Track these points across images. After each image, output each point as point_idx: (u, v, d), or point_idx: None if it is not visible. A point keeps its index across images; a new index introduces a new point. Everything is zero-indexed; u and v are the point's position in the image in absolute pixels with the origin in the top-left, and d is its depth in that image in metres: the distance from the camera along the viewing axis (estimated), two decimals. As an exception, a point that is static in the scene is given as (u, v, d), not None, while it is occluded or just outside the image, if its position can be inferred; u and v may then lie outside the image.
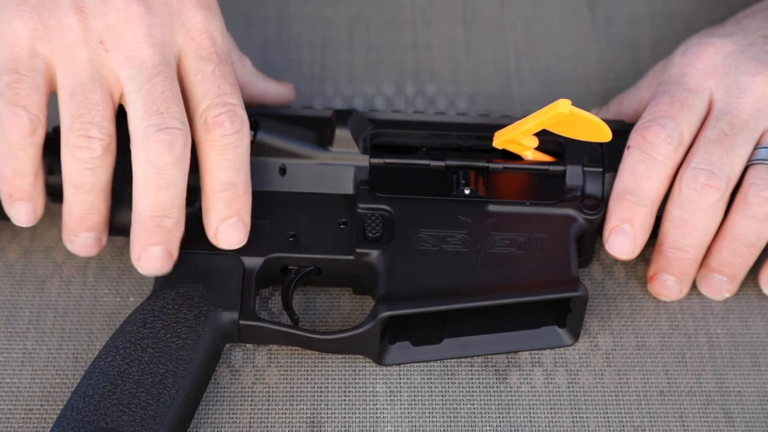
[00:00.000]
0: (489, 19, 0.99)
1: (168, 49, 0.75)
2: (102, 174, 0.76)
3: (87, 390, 0.73)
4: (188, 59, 0.76)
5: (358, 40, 0.97)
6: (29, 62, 0.75)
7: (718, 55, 0.82)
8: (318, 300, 0.83)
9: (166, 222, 0.75)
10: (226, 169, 0.76)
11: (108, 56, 0.74)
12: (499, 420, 0.78)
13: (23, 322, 0.81)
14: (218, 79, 0.76)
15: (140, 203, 0.75)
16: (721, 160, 0.79)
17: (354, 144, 0.81)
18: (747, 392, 0.79)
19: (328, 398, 0.78)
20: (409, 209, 0.80)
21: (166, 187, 0.74)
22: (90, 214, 0.77)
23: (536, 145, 0.82)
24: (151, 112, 0.74)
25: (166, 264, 0.77)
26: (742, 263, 0.81)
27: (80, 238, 0.78)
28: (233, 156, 0.76)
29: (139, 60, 0.74)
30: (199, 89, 0.76)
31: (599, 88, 0.95)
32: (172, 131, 0.73)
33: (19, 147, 0.75)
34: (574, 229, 0.80)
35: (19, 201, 0.77)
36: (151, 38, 0.75)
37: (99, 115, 0.74)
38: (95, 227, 0.78)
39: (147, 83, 0.74)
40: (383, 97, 0.94)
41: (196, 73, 0.76)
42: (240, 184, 0.77)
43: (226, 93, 0.76)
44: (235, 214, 0.77)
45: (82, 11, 0.75)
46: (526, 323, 0.80)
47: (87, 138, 0.74)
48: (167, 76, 0.75)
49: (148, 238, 0.76)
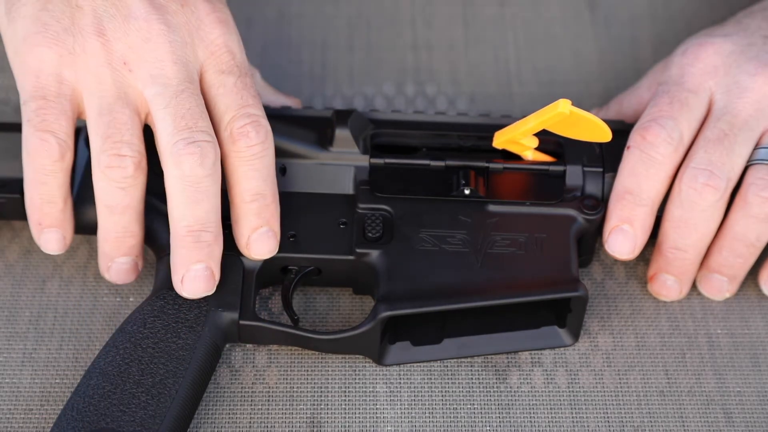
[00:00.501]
0: (489, 19, 0.99)
1: (191, 66, 0.76)
2: (134, 193, 0.75)
3: (87, 390, 0.73)
4: (210, 74, 0.77)
5: (358, 40, 0.97)
6: (56, 88, 0.75)
7: (718, 55, 0.82)
8: (318, 300, 0.83)
9: (204, 236, 0.75)
10: (254, 179, 0.76)
11: (132, 76, 0.75)
12: (499, 420, 0.78)
13: (23, 322, 0.81)
14: (240, 90, 0.76)
15: (177, 220, 0.75)
16: (721, 160, 0.79)
17: (354, 144, 0.81)
18: (747, 392, 0.79)
19: (328, 398, 0.78)
20: (409, 209, 0.81)
21: (202, 201, 0.74)
22: (125, 237, 0.77)
23: (536, 145, 0.82)
24: (180, 127, 0.74)
25: (209, 283, 0.76)
26: (742, 263, 0.81)
27: (117, 264, 0.78)
28: (260, 166, 0.76)
29: (163, 78, 0.75)
30: (222, 102, 0.76)
31: (599, 88, 0.95)
32: (202, 144, 0.74)
33: (48, 173, 0.75)
34: (574, 229, 0.80)
35: (48, 228, 0.77)
36: (173, 56, 0.75)
37: (128, 134, 0.74)
38: (131, 251, 0.78)
39: (173, 100, 0.74)
40: (383, 97, 0.94)
41: (218, 86, 0.76)
42: (268, 194, 0.77)
43: (249, 104, 0.76)
44: (265, 224, 0.77)
45: (103, 34, 0.75)
46: (526, 323, 0.80)
47: (119, 157, 0.74)
48: (192, 92, 0.75)
49: (189, 255, 0.75)
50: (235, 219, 0.77)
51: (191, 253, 0.75)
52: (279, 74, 0.94)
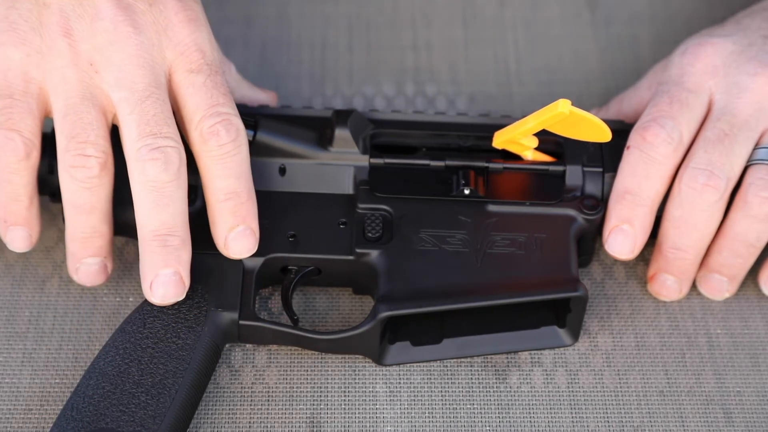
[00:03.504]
0: (489, 19, 0.99)
1: (158, 68, 0.76)
2: (101, 193, 0.75)
3: (87, 390, 0.73)
4: (179, 73, 0.76)
5: (358, 40, 0.97)
6: (23, 87, 0.75)
7: (717, 55, 0.82)
8: (318, 300, 0.83)
9: (171, 240, 0.75)
10: (227, 178, 0.76)
11: (99, 77, 0.75)
12: (498, 420, 0.78)
13: (23, 322, 0.81)
14: (210, 89, 0.76)
15: (143, 225, 0.75)
16: (721, 160, 0.79)
17: (354, 144, 0.81)
18: (747, 392, 0.79)
19: (328, 398, 0.78)
20: (409, 209, 0.80)
21: (167, 205, 0.74)
22: (92, 237, 0.77)
23: (536, 145, 0.82)
24: (144, 133, 0.74)
25: (178, 288, 0.75)
26: (742, 263, 0.81)
27: (85, 265, 0.78)
28: (232, 164, 0.76)
29: (129, 82, 0.75)
30: (191, 102, 0.76)
31: (599, 88, 0.95)
32: (166, 149, 0.74)
33: (14, 171, 0.75)
34: (573, 229, 0.80)
35: (14, 226, 0.77)
36: (140, 59, 0.75)
37: (93, 134, 0.74)
38: (99, 251, 0.78)
39: (139, 106, 0.74)
40: (383, 97, 0.94)
41: (187, 86, 0.76)
42: (243, 192, 0.77)
43: (219, 103, 0.76)
44: (242, 222, 0.77)
45: (70, 34, 0.75)
46: (525, 323, 0.80)
47: (83, 157, 0.74)
48: (158, 98, 0.75)
49: (157, 261, 0.75)
50: (211, 219, 0.77)
51: (159, 258, 0.75)
52: (279, 74, 0.94)
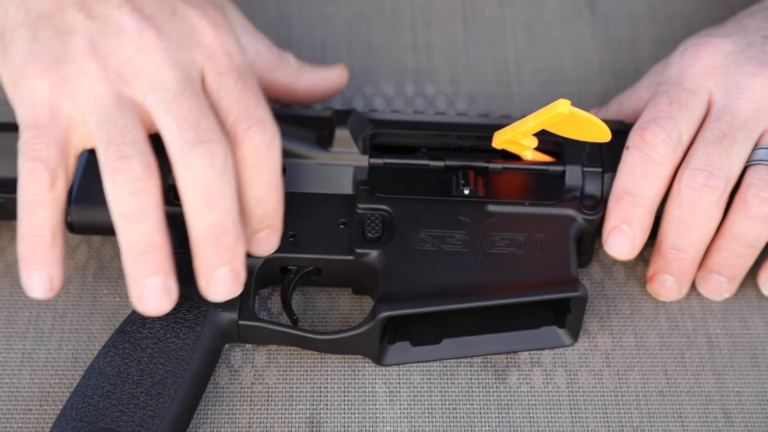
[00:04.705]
0: (489, 19, 0.99)
1: (189, 68, 0.75)
2: (148, 198, 0.71)
3: (86, 390, 0.73)
4: (210, 77, 0.75)
5: (358, 40, 0.97)
6: (49, 118, 0.73)
7: (717, 56, 0.82)
8: (317, 300, 0.83)
9: (224, 239, 0.73)
10: (257, 184, 0.75)
11: (131, 89, 0.73)
12: (498, 420, 0.78)
13: (23, 322, 0.81)
14: (241, 92, 0.75)
15: (194, 226, 0.73)
16: (720, 161, 0.78)
17: (353, 144, 0.81)
18: (746, 392, 0.79)
19: (328, 398, 0.78)
20: (409, 209, 0.81)
21: (217, 203, 0.72)
22: (149, 251, 0.72)
23: (535, 145, 0.82)
24: (184, 129, 0.72)
25: (235, 286, 0.74)
26: (741, 264, 0.81)
27: (147, 288, 0.73)
28: (263, 169, 0.75)
29: (161, 83, 0.73)
30: (224, 104, 0.75)
31: (599, 88, 0.95)
32: (209, 143, 0.72)
33: (37, 203, 0.72)
34: (573, 229, 0.80)
35: (33, 267, 0.72)
36: (169, 60, 0.74)
37: (130, 136, 0.72)
38: (158, 268, 0.73)
39: (175, 102, 0.73)
40: (383, 97, 0.94)
41: (218, 89, 0.75)
42: (273, 198, 0.76)
43: (251, 105, 0.75)
44: (268, 226, 0.77)
45: (97, 53, 0.74)
46: (525, 323, 0.80)
47: (123, 158, 0.71)
48: (193, 93, 0.74)
49: (211, 260, 0.73)
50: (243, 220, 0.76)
51: (213, 258, 0.73)
52: (279, 74, 0.94)
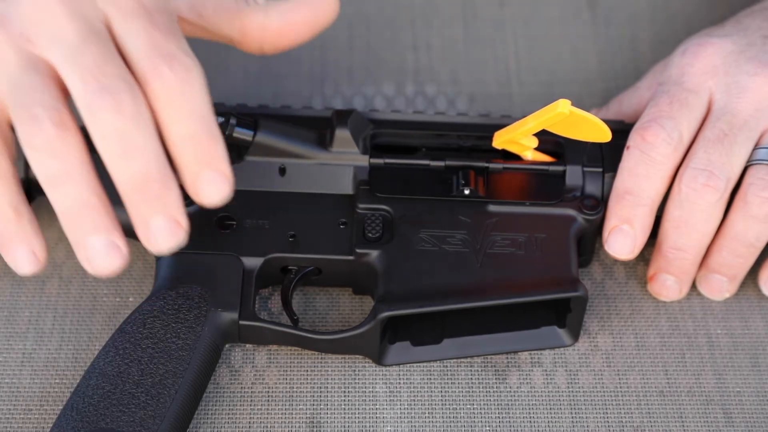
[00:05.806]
0: (489, 19, 0.99)
1: (90, 16, 0.70)
2: (70, 158, 0.67)
3: (86, 390, 0.73)
4: (115, 22, 0.71)
5: (358, 40, 0.97)
6: None
7: (717, 55, 0.82)
8: (318, 300, 0.83)
9: (151, 187, 0.67)
10: (177, 121, 0.69)
11: (33, 46, 0.70)
12: (498, 420, 0.78)
13: (23, 322, 0.81)
14: (148, 31, 0.70)
15: (117, 179, 0.68)
16: (721, 160, 0.79)
17: (354, 144, 0.81)
18: (746, 392, 0.79)
19: (328, 398, 0.78)
20: (409, 209, 0.80)
21: (134, 151, 0.67)
22: (82, 211, 0.68)
23: (536, 145, 0.82)
24: (88, 80, 0.68)
25: (176, 235, 0.68)
26: (742, 263, 0.81)
27: (91, 249, 0.68)
28: (180, 105, 0.69)
29: (61, 35, 0.70)
30: (129, 47, 0.70)
31: (599, 88, 0.95)
32: (114, 91, 0.67)
33: None
34: (573, 229, 0.80)
35: (11, 246, 0.70)
36: (66, 10, 0.70)
37: (38, 96, 0.68)
38: (98, 226, 0.68)
39: (77, 53, 0.69)
40: (383, 97, 0.94)
41: (124, 33, 0.71)
42: (202, 134, 0.69)
43: (159, 42, 0.70)
44: (207, 166, 0.69)
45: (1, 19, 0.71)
46: (526, 323, 0.80)
47: (33, 120, 0.67)
48: (97, 41, 0.70)
49: (143, 211, 0.68)
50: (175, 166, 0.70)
51: (144, 208, 0.68)
52: (278, 74, 0.94)
